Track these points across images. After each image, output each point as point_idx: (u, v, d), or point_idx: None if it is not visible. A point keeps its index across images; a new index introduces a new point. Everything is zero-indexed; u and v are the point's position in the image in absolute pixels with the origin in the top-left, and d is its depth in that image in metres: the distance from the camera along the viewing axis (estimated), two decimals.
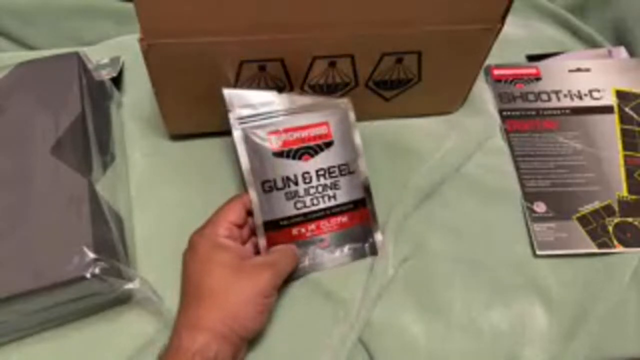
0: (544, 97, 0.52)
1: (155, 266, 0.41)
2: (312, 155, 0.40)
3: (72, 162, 0.36)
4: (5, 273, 0.32)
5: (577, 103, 0.52)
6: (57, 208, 0.34)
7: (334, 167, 0.41)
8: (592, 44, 0.58)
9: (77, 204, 0.35)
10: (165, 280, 0.38)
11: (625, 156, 0.48)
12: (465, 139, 0.49)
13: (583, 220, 0.45)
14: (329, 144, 0.41)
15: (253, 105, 0.40)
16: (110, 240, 0.36)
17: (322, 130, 0.41)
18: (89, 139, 0.39)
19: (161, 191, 0.45)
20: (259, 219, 0.39)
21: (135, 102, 0.49)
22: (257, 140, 0.39)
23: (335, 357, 0.38)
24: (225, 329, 0.33)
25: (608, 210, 0.45)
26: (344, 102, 0.42)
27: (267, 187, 0.39)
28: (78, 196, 0.35)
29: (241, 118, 0.39)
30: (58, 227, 0.34)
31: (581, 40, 0.59)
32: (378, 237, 0.43)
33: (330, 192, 0.41)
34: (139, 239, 0.42)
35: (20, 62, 0.42)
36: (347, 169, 0.41)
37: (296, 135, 0.40)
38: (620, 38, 0.58)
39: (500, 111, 0.51)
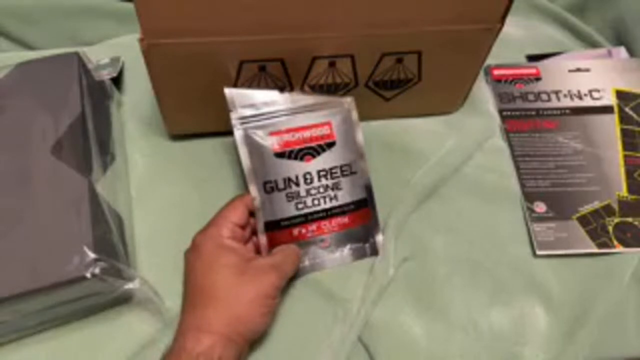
0: (544, 97, 0.52)
1: (155, 266, 0.41)
2: (313, 156, 0.40)
3: (72, 162, 0.36)
4: (5, 273, 0.32)
5: (577, 103, 0.52)
6: (57, 208, 0.34)
7: (335, 167, 0.41)
8: (592, 44, 0.58)
9: (77, 204, 0.35)
10: (165, 280, 0.38)
11: (625, 156, 0.48)
12: (465, 139, 0.49)
13: (583, 220, 0.45)
14: (331, 145, 0.41)
15: (255, 105, 0.40)
16: (110, 240, 0.36)
17: (324, 130, 0.41)
18: (89, 139, 0.39)
19: (161, 191, 0.45)
20: (260, 220, 0.39)
21: (135, 102, 0.49)
22: (259, 140, 0.39)
23: (335, 357, 0.38)
24: (230, 331, 0.33)
25: (608, 210, 0.45)
26: (348, 101, 0.42)
27: (269, 187, 0.39)
28: (78, 196, 0.35)
29: (243, 118, 0.39)
30: (58, 227, 0.34)
31: (581, 40, 0.59)
32: (379, 237, 0.43)
33: (332, 193, 0.41)
34: (139, 239, 0.42)
35: (20, 62, 0.41)
36: (349, 170, 0.41)
37: (298, 135, 0.40)
38: (620, 38, 0.58)
39: (500, 111, 0.51)
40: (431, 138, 0.49)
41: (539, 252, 0.43)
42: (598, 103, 0.52)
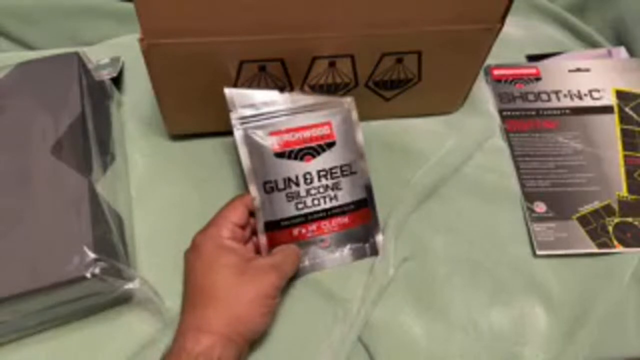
0: (544, 97, 0.52)
1: (155, 266, 0.41)
2: (313, 156, 0.40)
3: (72, 162, 0.36)
4: (5, 273, 0.32)
5: (577, 103, 0.52)
6: (57, 208, 0.34)
7: (335, 167, 0.41)
8: (592, 44, 0.58)
9: (77, 204, 0.35)
10: (165, 280, 0.38)
11: (625, 156, 0.48)
12: (465, 139, 0.49)
13: (583, 220, 0.45)
14: (331, 145, 0.41)
15: (255, 105, 0.40)
16: (110, 240, 0.36)
17: (324, 130, 0.41)
18: (89, 139, 0.39)
19: (161, 191, 0.45)
20: (260, 220, 0.39)
21: (135, 102, 0.49)
22: (259, 140, 0.39)
23: (335, 357, 0.38)
24: (230, 331, 0.33)
25: (608, 210, 0.45)
26: (348, 101, 0.42)
27: (269, 187, 0.39)
28: (78, 196, 0.35)
29: (242, 118, 0.39)
30: (58, 227, 0.34)
31: (581, 40, 0.59)
32: (379, 237, 0.43)
33: (332, 193, 0.41)
34: (139, 239, 0.42)
35: (20, 62, 0.41)
36: (349, 170, 0.41)
37: (298, 135, 0.40)
38: (620, 38, 0.58)
39: (500, 111, 0.51)
40: (431, 138, 0.49)
41: (539, 252, 0.43)
42: (598, 103, 0.52)
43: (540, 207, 0.46)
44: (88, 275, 0.32)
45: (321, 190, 0.41)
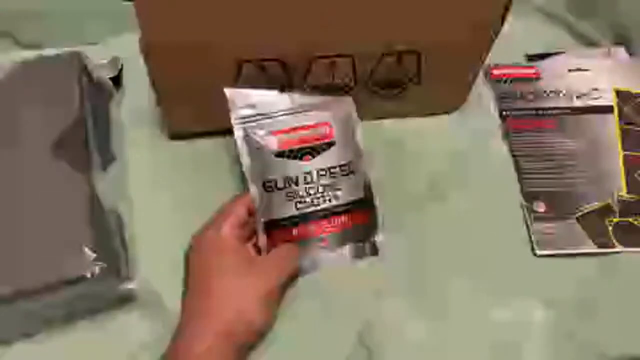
0: (544, 97, 0.52)
1: (155, 266, 0.41)
2: (313, 156, 0.40)
3: (72, 162, 0.36)
4: (5, 273, 0.32)
5: (577, 103, 0.52)
6: (57, 208, 0.34)
7: (335, 167, 0.41)
8: (592, 44, 0.58)
9: (77, 204, 0.35)
10: (165, 280, 0.38)
11: (625, 156, 0.48)
12: (465, 139, 0.49)
13: (583, 220, 0.45)
14: (330, 144, 0.41)
15: (254, 105, 0.40)
16: (110, 240, 0.36)
17: (324, 130, 0.41)
18: (89, 139, 0.39)
19: (161, 191, 0.45)
20: (260, 219, 0.39)
21: (135, 102, 0.49)
22: (258, 140, 0.39)
23: (335, 357, 0.38)
24: (230, 331, 0.33)
25: (608, 209, 0.45)
26: (347, 101, 0.42)
27: (268, 187, 0.39)
28: (78, 196, 0.35)
29: (242, 118, 0.39)
30: (58, 227, 0.34)
31: (581, 40, 0.59)
32: (379, 237, 0.43)
33: (331, 193, 0.41)
34: (139, 239, 0.42)
35: (20, 62, 0.42)
36: (348, 169, 0.41)
37: (297, 135, 0.40)
38: (620, 38, 0.58)
39: (500, 111, 0.51)
40: (431, 138, 0.49)
41: (539, 252, 0.43)
42: (598, 103, 0.52)
43: (540, 207, 0.46)
44: (88, 275, 0.32)
45: (321, 189, 0.41)
